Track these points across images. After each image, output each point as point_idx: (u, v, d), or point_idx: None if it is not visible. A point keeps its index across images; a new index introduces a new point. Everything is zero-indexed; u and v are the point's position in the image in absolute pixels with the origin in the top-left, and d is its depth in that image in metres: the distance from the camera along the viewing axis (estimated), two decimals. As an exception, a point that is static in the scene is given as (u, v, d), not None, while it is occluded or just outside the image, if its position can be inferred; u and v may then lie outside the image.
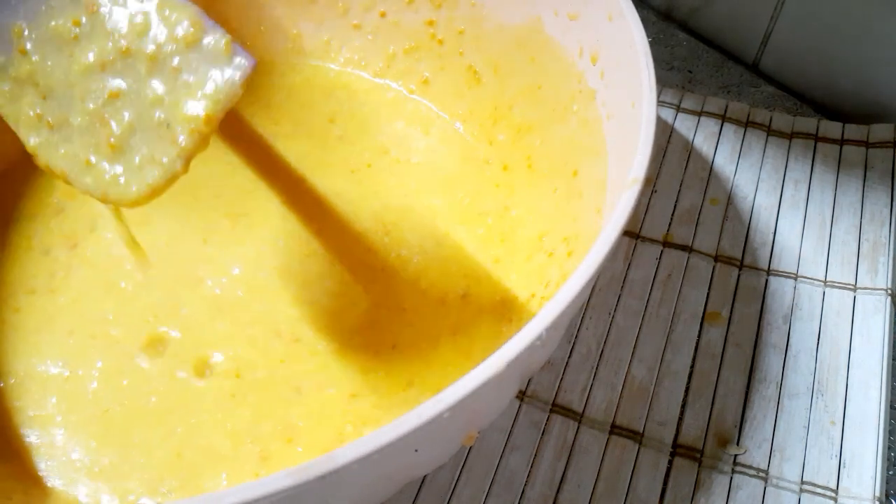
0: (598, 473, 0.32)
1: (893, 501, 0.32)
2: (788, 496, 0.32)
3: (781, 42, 0.48)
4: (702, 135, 0.45)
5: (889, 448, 0.34)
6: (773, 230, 0.41)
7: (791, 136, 0.45)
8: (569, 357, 0.36)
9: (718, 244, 0.40)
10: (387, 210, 0.39)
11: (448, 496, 0.32)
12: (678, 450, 0.33)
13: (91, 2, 0.27)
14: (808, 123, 0.46)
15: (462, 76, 0.43)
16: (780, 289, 0.39)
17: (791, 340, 0.37)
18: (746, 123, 0.46)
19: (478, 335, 0.35)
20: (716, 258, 0.40)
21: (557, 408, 0.34)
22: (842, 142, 0.44)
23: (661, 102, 0.47)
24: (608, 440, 0.33)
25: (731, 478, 0.32)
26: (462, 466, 0.32)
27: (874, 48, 0.44)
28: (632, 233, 0.41)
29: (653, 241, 0.40)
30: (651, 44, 0.32)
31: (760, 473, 0.33)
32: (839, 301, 0.38)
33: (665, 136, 0.45)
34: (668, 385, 0.35)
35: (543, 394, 0.35)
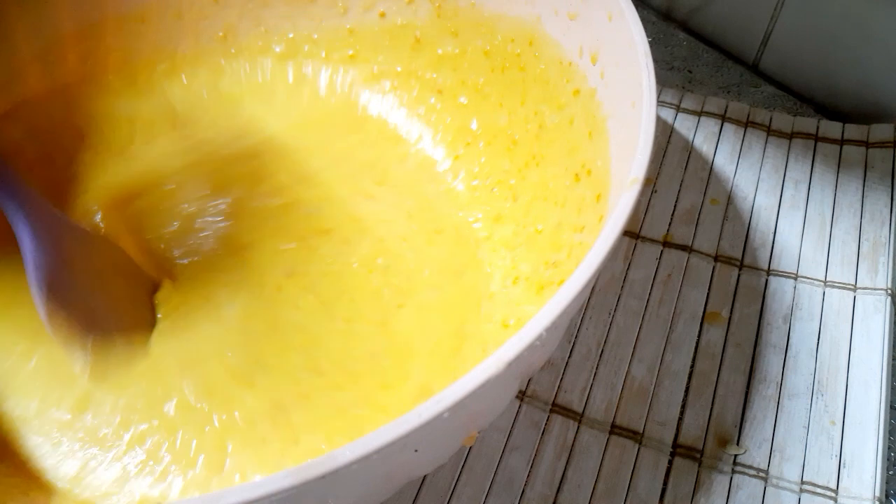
0: (598, 473, 0.32)
1: (893, 501, 0.32)
2: (788, 496, 0.32)
3: (781, 42, 0.48)
4: (702, 135, 0.45)
5: (889, 448, 0.34)
6: (773, 230, 0.41)
7: (791, 136, 0.45)
8: (569, 357, 0.36)
9: (718, 244, 0.40)
10: (386, 211, 0.39)
11: (448, 496, 0.32)
12: (678, 450, 0.33)
13: None
14: (808, 123, 0.46)
15: (462, 76, 0.43)
16: (780, 289, 0.39)
17: (791, 340, 0.37)
18: (746, 123, 0.46)
19: (477, 337, 0.35)
20: (716, 258, 0.40)
21: (557, 408, 0.34)
22: (842, 142, 0.44)
23: (661, 102, 0.47)
24: (608, 440, 0.33)
25: (731, 478, 0.32)
26: (462, 466, 0.32)
27: (874, 48, 0.44)
28: (632, 233, 0.41)
29: (653, 241, 0.40)
30: (651, 44, 0.32)
31: (760, 473, 0.33)
32: (839, 301, 0.38)
33: (665, 136, 0.45)
34: (668, 385, 0.35)
35: (543, 394, 0.35)
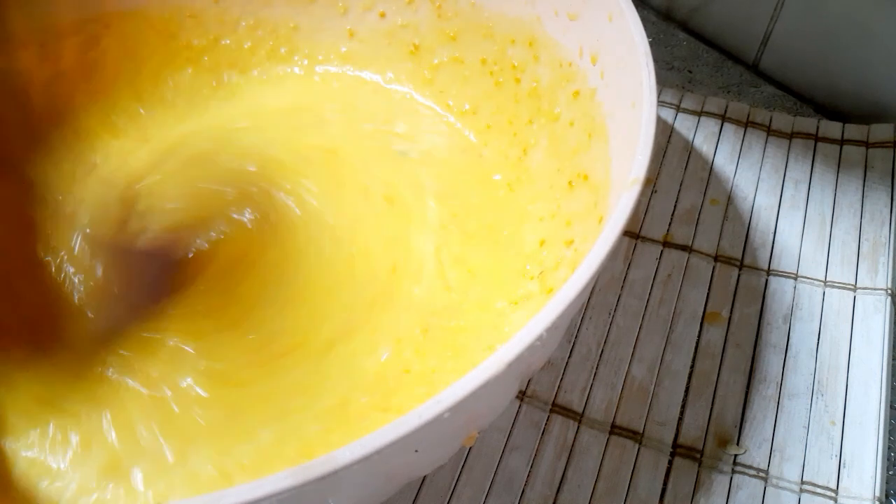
0: (598, 473, 0.32)
1: (893, 501, 0.32)
2: (788, 496, 0.32)
3: (781, 42, 0.48)
4: (702, 135, 0.45)
5: (889, 448, 0.34)
6: (773, 230, 0.41)
7: (791, 136, 0.45)
8: (569, 357, 0.36)
9: (718, 244, 0.40)
10: (386, 210, 0.39)
11: (448, 496, 0.32)
12: (678, 450, 0.33)
13: None
14: (808, 123, 0.46)
15: (462, 76, 0.43)
16: (780, 289, 0.39)
17: (791, 340, 0.37)
18: (746, 123, 0.46)
19: (476, 337, 0.35)
20: (716, 258, 0.40)
21: (557, 408, 0.34)
22: (842, 142, 0.44)
23: (661, 102, 0.47)
24: (608, 440, 0.33)
25: (731, 478, 0.32)
26: (462, 466, 0.32)
27: (874, 48, 0.44)
28: (632, 233, 0.41)
29: (653, 241, 0.40)
30: (651, 44, 0.32)
31: (760, 473, 0.33)
32: (839, 301, 0.38)
33: (665, 136, 0.45)
34: (668, 385, 0.35)
35: (543, 394, 0.35)
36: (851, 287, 0.38)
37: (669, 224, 0.41)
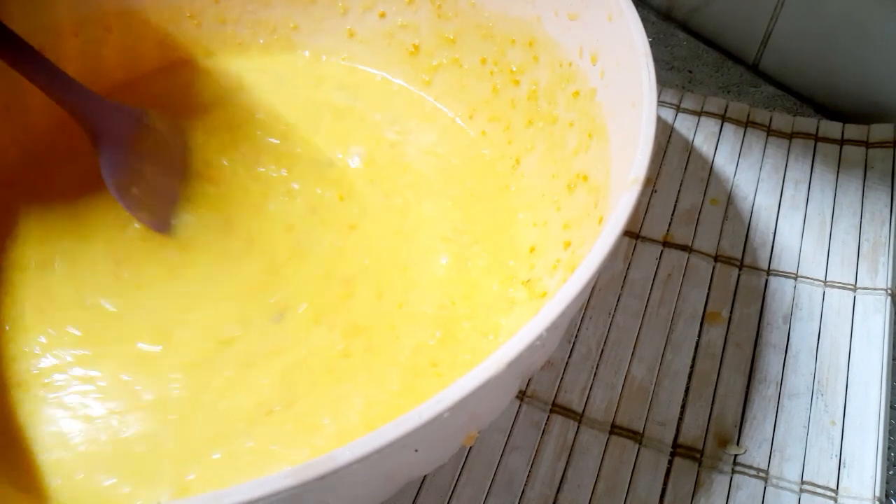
0: (598, 473, 0.32)
1: (893, 501, 0.32)
2: (788, 496, 0.32)
3: (781, 42, 0.48)
4: (702, 135, 0.45)
5: (889, 448, 0.34)
6: (773, 230, 0.41)
7: (791, 136, 0.45)
8: (569, 357, 0.36)
9: (718, 244, 0.40)
10: (386, 209, 0.39)
11: (448, 496, 0.32)
12: (678, 450, 0.33)
13: None
14: (808, 123, 0.46)
15: (462, 76, 0.43)
16: (780, 289, 0.39)
17: (791, 340, 0.37)
18: (746, 123, 0.46)
19: (475, 338, 0.35)
20: (716, 258, 0.40)
21: (557, 408, 0.34)
22: (842, 142, 0.44)
23: (661, 102, 0.47)
24: (608, 440, 0.33)
25: (731, 478, 0.32)
26: (462, 466, 0.32)
27: (874, 48, 0.44)
28: (632, 233, 0.41)
29: (653, 241, 0.40)
30: (651, 44, 0.32)
31: (760, 473, 0.33)
32: (839, 301, 0.38)
33: (665, 136, 0.45)
34: (668, 385, 0.35)
35: (543, 394, 0.35)
36: (851, 287, 0.38)
37: (669, 224, 0.41)
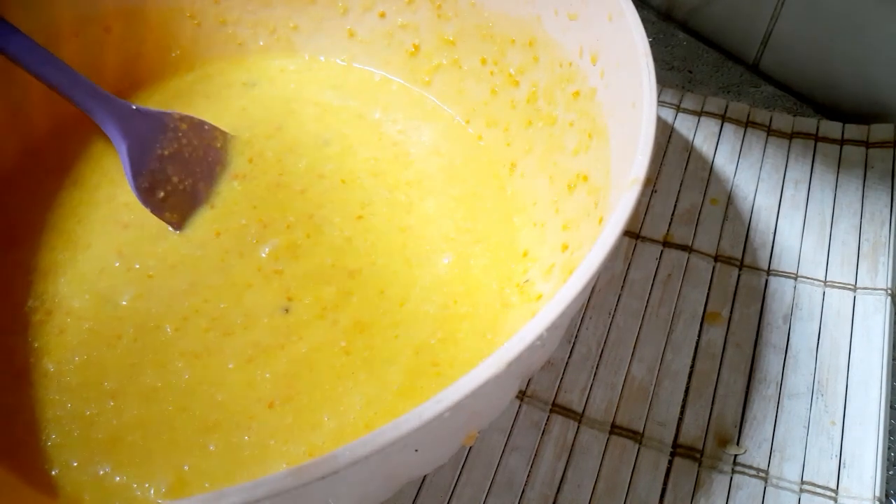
0: (598, 473, 0.32)
1: (893, 501, 0.32)
2: (788, 496, 0.32)
3: (781, 42, 0.48)
4: (702, 135, 0.45)
5: (889, 448, 0.34)
6: (773, 230, 0.41)
7: (791, 136, 0.45)
8: (569, 357, 0.36)
9: (718, 244, 0.40)
10: (387, 208, 0.39)
11: (448, 496, 0.32)
12: (678, 450, 0.33)
13: None
14: (808, 123, 0.46)
15: (461, 76, 0.43)
16: (780, 289, 0.39)
17: (791, 340, 0.37)
18: (746, 123, 0.46)
19: (475, 338, 0.35)
20: (716, 258, 0.40)
21: (557, 408, 0.34)
22: (842, 142, 0.44)
23: (661, 102, 0.47)
24: (608, 440, 0.33)
25: (731, 478, 0.32)
26: (462, 466, 0.32)
27: (874, 48, 0.44)
28: (632, 233, 0.41)
29: (653, 241, 0.40)
30: (651, 44, 0.32)
31: (760, 473, 0.33)
32: (839, 301, 0.38)
33: (665, 136, 0.45)
34: (668, 385, 0.35)
35: (543, 394, 0.35)
36: (851, 287, 0.38)
37: (669, 224, 0.41)
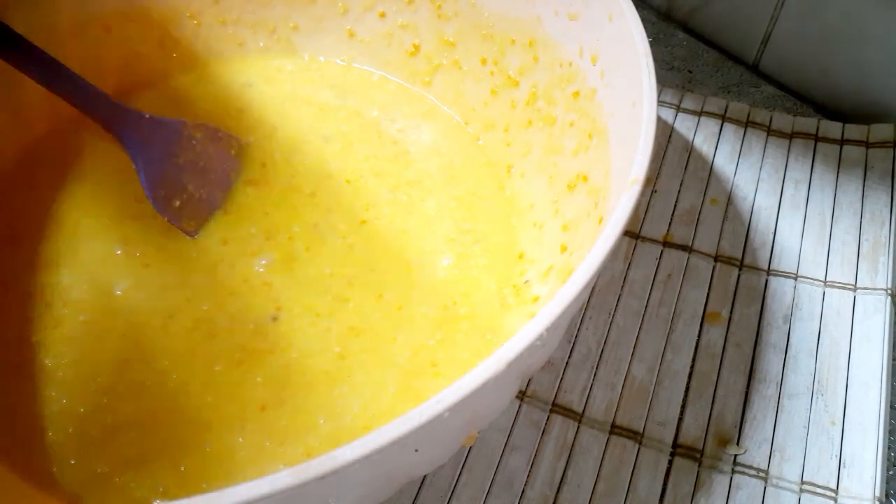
0: (598, 473, 0.32)
1: (893, 501, 0.32)
2: (788, 496, 0.32)
3: (781, 42, 0.48)
4: (702, 135, 0.45)
5: (889, 448, 0.34)
6: (773, 230, 0.41)
7: (791, 136, 0.45)
8: (569, 357, 0.36)
9: (718, 244, 0.40)
10: (389, 209, 0.39)
11: (448, 496, 0.32)
12: (678, 450, 0.33)
13: None
14: (808, 123, 0.46)
15: (461, 76, 0.43)
16: (780, 289, 0.39)
17: (791, 340, 0.37)
18: (746, 123, 0.46)
19: (475, 338, 0.35)
20: (716, 258, 0.40)
21: (557, 408, 0.34)
22: (842, 142, 0.44)
23: (661, 102, 0.47)
24: (608, 440, 0.33)
25: (731, 478, 0.32)
26: (462, 466, 0.32)
27: (874, 48, 0.44)
28: (632, 233, 0.41)
29: (653, 241, 0.40)
30: (651, 44, 0.32)
31: (760, 473, 0.33)
32: (839, 301, 0.38)
33: (665, 136, 0.45)
34: (668, 385, 0.35)
35: (543, 394, 0.35)
36: (851, 287, 0.38)
37: (669, 224, 0.41)
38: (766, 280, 0.39)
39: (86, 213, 0.38)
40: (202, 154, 0.39)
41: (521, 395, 0.35)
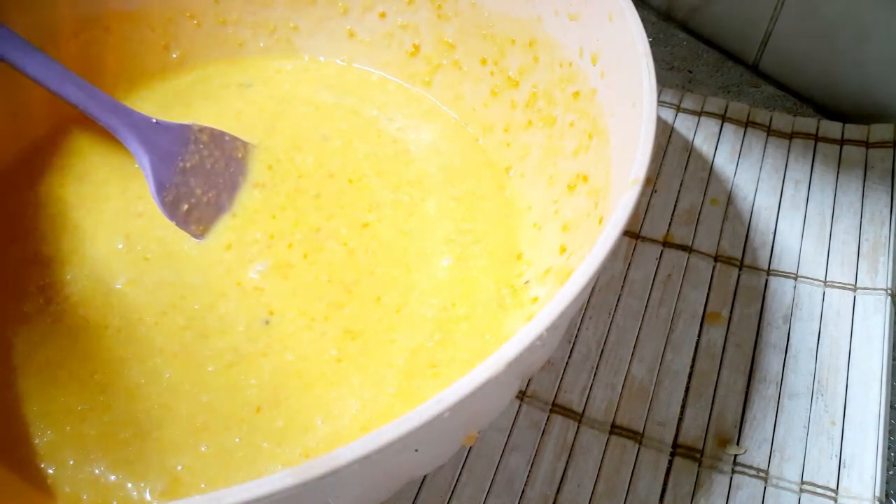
0: (598, 473, 0.32)
1: (893, 501, 0.32)
2: (788, 496, 0.32)
3: (781, 42, 0.48)
4: (702, 135, 0.45)
5: (889, 448, 0.34)
6: (773, 230, 0.41)
7: (791, 136, 0.45)
8: (569, 357, 0.36)
9: (718, 244, 0.40)
10: (391, 210, 0.39)
11: (448, 496, 0.32)
12: (678, 450, 0.33)
13: None
14: (808, 123, 0.46)
15: (461, 76, 0.43)
16: (780, 289, 0.39)
17: (791, 340, 0.37)
18: (746, 123, 0.46)
19: (474, 338, 0.35)
20: (716, 258, 0.40)
21: (557, 408, 0.34)
22: (842, 142, 0.44)
23: (661, 102, 0.47)
24: (608, 440, 0.33)
25: (731, 478, 0.32)
26: (462, 466, 0.32)
27: (874, 48, 0.44)
28: (632, 233, 0.41)
29: (653, 241, 0.40)
30: (651, 44, 0.32)
31: (760, 473, 0.33)
32: (839, 301, 0.38)
33: (665, 136, 0.45)
34: (668, 385, 0.35)
35: (543, 394, 0.35)
36: (851, 287, 0.38)
37: (669, 224, 0.41)
38: (766, 280, 0.39)
39: (88, 212, 0.38)
40: (209, 158, 0.40)
41: (521, 395, 0.35)
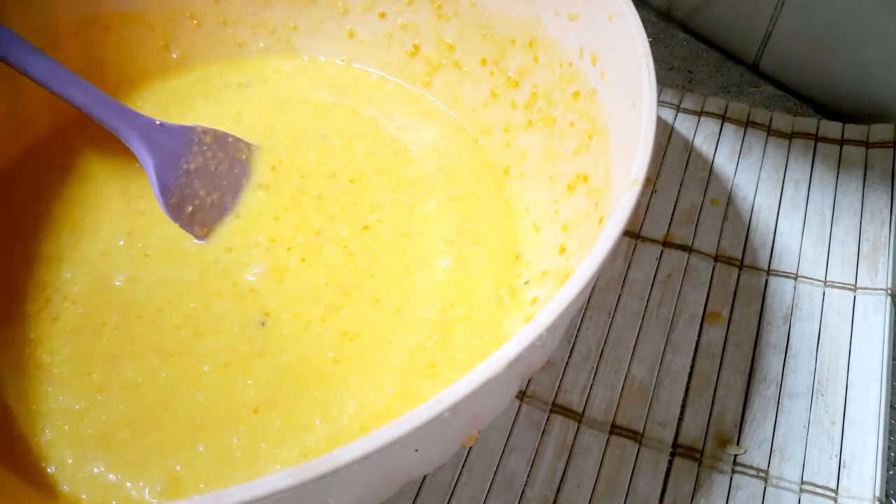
0: (598, 473, 0.32)
1: (893, 501, 0.32)
2: (788, 496, 0.32)
3: (781, 42, 0.48)
4: (702, 135, 0.45)
5: (889, 448, 0.34)
6: (773, 230, 0.41)
7: (791, 136, 0.45)
8: (569, 357, 0.36)
9: (718, 244, 0.40)
10: (392, 211, 0.39)
11: (448, 496, 0.32)
12: (678, 450, 0.33)
13: None
14: (808, 123, 0.46)
15: (461, 76, 0.43)
16: (780, 289, 0.39)
17: (791, 340, 0.37)
18: (746, 123, 0.46)
19: (473, 339, 0.35)
20: (716, 258, 0.40)
21: (557, 408, 0.34)
22: (842, 142, 0.44)
23: (661, 102, 0.47)
24: (608, 440, 0.33)
25: (731, 478, 0.32)
26: (462, 466, 0.32)
27: (874, 48, 0.44)
28: (632, 233, 0.41)
29: (653, 241, 0.40)
30: (651, 44, 0.32)
31: (760, 473, 0.33)
32: (839, 301, 0.38)
33: (665, 136, 0.45)
34: (668, 385, 0.35)
35: (543, 394, 0.35)
36: (851, 287, 0.38)
37: (669, 224, 0.41)
38: (766, 280, 0.39)
39: (89, 211, 0.38)
40: (212, 160, 0.40)
41: (521, 395, 0.35)
